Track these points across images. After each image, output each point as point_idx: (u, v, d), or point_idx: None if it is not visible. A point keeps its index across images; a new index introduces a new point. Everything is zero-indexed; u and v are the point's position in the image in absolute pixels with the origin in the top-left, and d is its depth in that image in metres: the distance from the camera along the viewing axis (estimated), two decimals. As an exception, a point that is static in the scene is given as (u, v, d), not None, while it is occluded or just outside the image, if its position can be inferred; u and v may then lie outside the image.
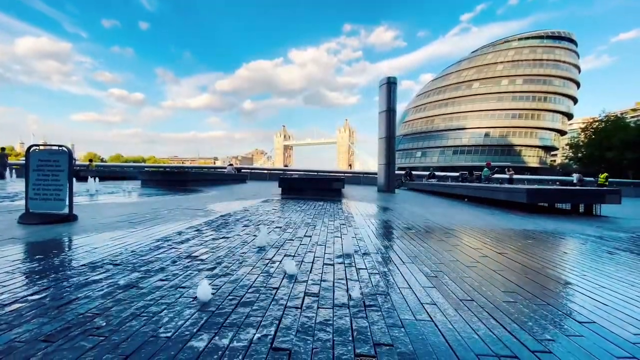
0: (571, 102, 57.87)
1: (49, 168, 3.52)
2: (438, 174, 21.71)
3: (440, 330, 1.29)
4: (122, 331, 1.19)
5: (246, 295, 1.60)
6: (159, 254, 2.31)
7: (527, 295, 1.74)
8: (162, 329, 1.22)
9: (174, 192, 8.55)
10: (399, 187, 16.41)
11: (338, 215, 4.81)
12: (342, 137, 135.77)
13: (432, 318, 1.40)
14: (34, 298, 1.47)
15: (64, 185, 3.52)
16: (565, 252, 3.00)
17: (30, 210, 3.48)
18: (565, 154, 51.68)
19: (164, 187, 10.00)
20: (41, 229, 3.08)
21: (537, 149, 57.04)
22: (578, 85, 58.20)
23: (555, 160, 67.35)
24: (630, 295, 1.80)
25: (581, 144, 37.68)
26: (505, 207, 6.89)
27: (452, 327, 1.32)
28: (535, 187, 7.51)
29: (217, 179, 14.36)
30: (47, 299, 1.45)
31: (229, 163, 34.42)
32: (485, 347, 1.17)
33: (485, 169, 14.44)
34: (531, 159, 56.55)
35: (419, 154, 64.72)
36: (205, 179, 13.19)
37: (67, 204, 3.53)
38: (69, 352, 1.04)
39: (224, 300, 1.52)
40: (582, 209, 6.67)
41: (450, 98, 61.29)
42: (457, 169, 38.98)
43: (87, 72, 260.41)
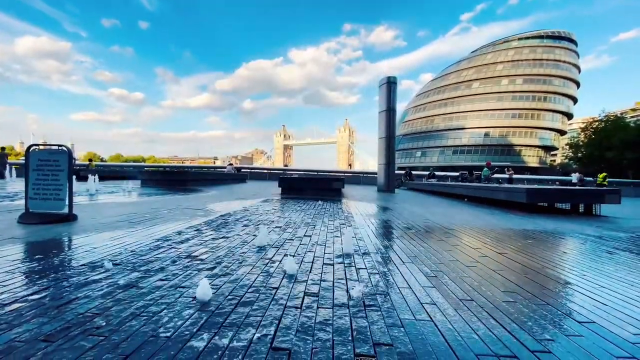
0: (571, 102, 57.89)
1: (48, 168, 3.52)
2: (438, 174, 21.68)
3: (440, 330, 1.29)
4: (122, 331, 1.19)
5: (246, 295, 1.60)
6: (158, 254, 2.31)
7: (526, 295, 1.74)
8: (162, 328, 1.22)
9: (173, 191, 8.55)
10: (399, 186, 16.41)
11: (338, 215, 4.81)
12: (342, 137, 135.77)
13: (431, 318, 1.40)
14: (34, 298, 1.47)
15: (63, 185, 3.52)
16: (565, 252, 3.01)
17: (30, 210, 3.48)
18: (565, 154, 51.69)
19: (164, 187, 10.00)
20: (41, 229, 3.08)
21: (537, 148, 57.06)
22: (578, 85, 58.21)
23: (555, 160, 67.36)
24: (630, 295, 1.80)
25: (581, 143, 37.70)
26: (505, 207, 6.89)
27: (451, 327, 1.32)
28: (535, 187, 7.51)
29: (216, 179, 14.35)
30: (47, 299, 1.45)
31: (229, 163, 34.42)
32: (484, 347, 1.17)
33: (485, 169, 14.43)
34: (531, 158, 56.56)
35: (418, 153, 64.72)
36: (205, 178, 13.19)
37: (67, 203, 3.53)
38: (69, 352, 1.04)
39: (223, 300, 1.52)
40: (581, 208, 6.67)
41: (450, 98, 61.28)
42: (457, 168, 39.01)
43: (87, 72, 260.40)
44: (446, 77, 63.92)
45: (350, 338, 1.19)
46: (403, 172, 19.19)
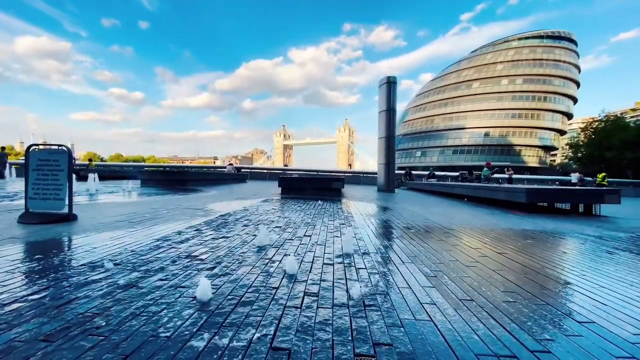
0: (571, 102, 57.90)
1: (48, 167, 3.52)
2: (438, 174, 21.68)
3: (439, 330, 1.29)
4: (121, 331, 1.19)
5: (246, 294, 1.60)
6: (158, 254, 2.31)
7: (526, 295, 1.74)
8: (162, 328, 1.22)
9: (173, 191, 8.55)
10: (399, 186, 16.41)
11: (338, 215, 4.81)
12: (342, 137, 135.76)
13: (431, 318, 1.40)
14: (34, 298, 1.46)
15: (63, 184, 3.52)
16: (565, 252, 3.01)
17: (29, 210, 3.48)
18: (565, 154, 51.68)
19: (164, 187, 10.00)
20: (41, 229, 3.08)
21: (536, 148, 57.06)
22: (578, 85, 58.22)
23: (555, 160, 67.35)
24: (630, 295, 1.80)
25: (581, 143, 37.69)
26: (505, 206, 6.89)
27: (451, 327, 1.32)
28: (535, 187, 7.51)
29: (216, 179, 14.35)
30: (47, 299, 1.45)
31: (229, 162, 34.41)
32: (484, 347, 1.17)
33: (485, 169, 14.44)
34: (531, 158, 56.57)
35: (418, 153, 64.71)
36: (204, 178, 13.19)
37: (67, 203, 3.53)
38: (69, 352, 1.04)
39: (223, 300, 1.52)
40: (581, 208, 6.67)
41: (450, 98, 61.28)
42: (457, 168, 39.02)
43: (87, 71, 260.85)
44: (446, 77, 63.91)
45: (350, 338, 1.19)
46: (403, 172, 19.20)
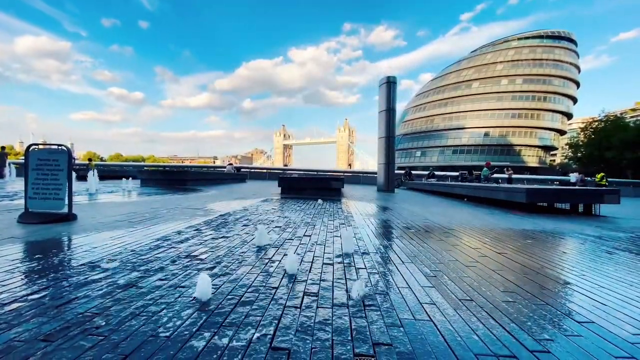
0: (571, 102, 57.89)
1: (48, 167, 3.52)
2: (438, 174, 21.69)
3: (439, 330, 1.29)
4: (121, 330, 1.19)
5: (245, 294, 1.60)
6: (158, 254, 2.31)
7: (526, 295, 1.74)
8: (162, 328, 1.22)
9: (173, 191, 8.55)
10: (399, 186, 16.41)
11: (337, 215, 4.81)
12: (342, 137, 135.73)
13: (431, 318, 1.40)
14: (34, 297, 1.46)
15: (63, 184, 3.51)
16: (565, 252, 3.01)
17: (29, 210, 3.47)
18: (564, 154, 51.74)
19: (164, 187, 10.00)
20: (40, 229, 3.08)
21: (536, 148, 57.06)
22: (578, 85, 58.21)
23: (554, 160, 67.37)
24: (629, 295, 1.80)
25: (581, 143, 37.71)
26: (505, 206, 6.90)
27: (451, 327, 1.32)
28: (535, 187, 7.52)
29: (216, 178, 14.35)
30: (47, 299, 1.45)
31: (229, 162, 34.42)
32: (484, 347, 1.17)
33: (485, 169, 14.44)
34: (531, 158, 56.57)
35: (418, 153, 64.69)
36: (204, 178, 13.19)
37: (67, 203, 3.53)
38: (69, 352, 1.04)
39: (223, 300, 1.52)
40: (581, 208, 6.68)
41: (450, 97, 61.26)
42: (457, 168, 39.03)
43: (87, 71, 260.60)
44: (446, 77, 63.89)
45: (349, 338, 1.19)
46: (403, 171, 19.21)
